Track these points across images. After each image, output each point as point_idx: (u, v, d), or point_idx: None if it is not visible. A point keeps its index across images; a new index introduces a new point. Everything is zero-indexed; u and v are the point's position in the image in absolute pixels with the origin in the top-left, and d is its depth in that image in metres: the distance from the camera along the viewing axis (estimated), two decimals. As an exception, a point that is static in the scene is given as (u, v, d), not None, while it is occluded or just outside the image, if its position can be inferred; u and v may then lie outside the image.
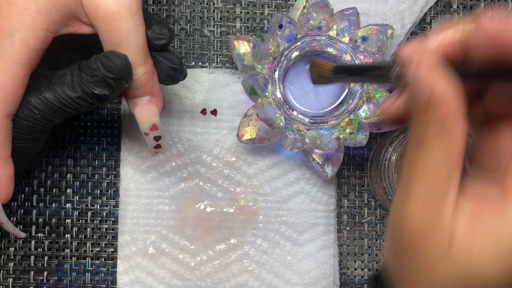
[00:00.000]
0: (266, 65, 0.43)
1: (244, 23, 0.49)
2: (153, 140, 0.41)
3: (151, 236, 0.46)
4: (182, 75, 0.40)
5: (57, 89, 0.36)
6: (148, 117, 0.39)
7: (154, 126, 0.40)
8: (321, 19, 0.43)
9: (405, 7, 0.48)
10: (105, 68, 0.35)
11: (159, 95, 0.39)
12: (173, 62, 0.39)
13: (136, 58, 0.37)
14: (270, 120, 0.42)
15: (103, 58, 0.36)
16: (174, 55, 0.40)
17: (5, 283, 0.46)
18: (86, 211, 0.47)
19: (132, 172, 0.47)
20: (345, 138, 0.43)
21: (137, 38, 0.36)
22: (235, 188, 0.47)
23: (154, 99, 0.39)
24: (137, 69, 0.37)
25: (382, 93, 0.43)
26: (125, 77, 0.36)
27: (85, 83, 0.36)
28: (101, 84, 0.36)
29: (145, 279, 0.46)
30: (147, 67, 0.37)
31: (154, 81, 0.39)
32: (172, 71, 0.39)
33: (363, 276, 0.47)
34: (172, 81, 0.40)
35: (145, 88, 0.38)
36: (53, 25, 0.35)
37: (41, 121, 0.36)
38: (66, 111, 0.37)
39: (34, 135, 0.37)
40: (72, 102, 0.36)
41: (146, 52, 0.37)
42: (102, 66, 0.36)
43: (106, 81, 0.36)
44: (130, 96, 0.39)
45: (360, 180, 0.48)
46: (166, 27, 0.38)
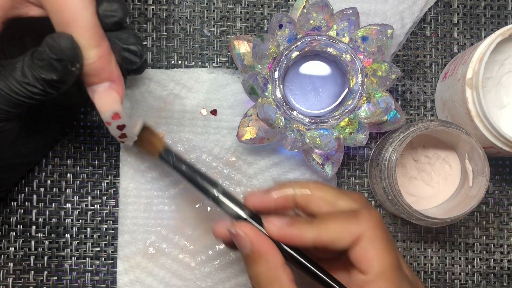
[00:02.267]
0: (266, 65, 0.43)
1: (244, 23, 0.49)
2: (117, 129, 0.38)
3: (151, 236, 0.46)
4: (137, 56, 0.37)
5: (7, 75, 0.34)
6: (109, 105, 0.36)
7: (116, 114, 0.37)
8: (321, 19, 0.43)
9: (405, 7, 0.48)
10: (50, 49, 0.33)
11: (120, 81, 0.36)
12: (126, 42, 0.36)
13: (87, 39, 0.34)
14: (270, 120, 0.42)
15: (48, 39, 0.33)
16: (129, 34, 0.36)
17: (5, 283, 0.46)
18: (86, 211, 0.47)
19: (132, 172, 0.47)
20: (345, 138, 0.43)
21: (87, 18, 0.33)
22: (235, 188, 0.47)
23: (115, 86, 0.36)
24: (90, 52, 0.34)
25: (382, 93, 0.43)
26: (70, 59, 0.33)
27: (35, 68, 0.34)
28: (48, 68, 0.33)
29: (145, 279, 0.46)
30: (102, 49, 0.34)
31: (112, 66, 0.36)
32: (126, 53, 0.36)
33: (363, 276, 0.47)
34: (128, 64, 0.37)
35: (102, 73, 0.35)
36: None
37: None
38: (19, 100, 0.34)
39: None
40: (23, 89, 0.34)
41: (99, 33, 0.34)
42: (48, 48, 0.33)
43: (52, 64, 0.33)
44: (87, 83, 0.36)
45: (360, 180, 0.48)
46: (117, 3, 0.35)
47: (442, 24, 0.50)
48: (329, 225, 0.33)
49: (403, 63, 0.49)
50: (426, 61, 0.49)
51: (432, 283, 0.47)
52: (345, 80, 0.45)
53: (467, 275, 0.48)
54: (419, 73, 0.49)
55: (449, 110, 0.45)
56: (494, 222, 0.48)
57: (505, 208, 0.48)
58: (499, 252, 0.48)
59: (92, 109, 0.48)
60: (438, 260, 0.48)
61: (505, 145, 0.41)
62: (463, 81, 0.42)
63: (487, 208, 0.48)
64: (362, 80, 0.43)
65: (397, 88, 0.49)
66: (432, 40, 0.49)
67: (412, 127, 0.42)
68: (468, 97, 0.41)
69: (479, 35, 0.49)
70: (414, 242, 0.48)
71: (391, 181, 0.41)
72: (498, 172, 0.49)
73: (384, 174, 0.42)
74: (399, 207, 0.42)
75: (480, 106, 0.41)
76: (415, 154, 0.47)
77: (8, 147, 0.39)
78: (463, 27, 0.50)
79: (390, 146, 0.43)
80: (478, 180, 0.42)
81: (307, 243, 0.33)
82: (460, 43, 0.49)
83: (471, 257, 0.48)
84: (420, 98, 0.49)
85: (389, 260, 0.33)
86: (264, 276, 0.33)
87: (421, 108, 0.49)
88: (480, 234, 0.48)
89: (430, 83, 0.49)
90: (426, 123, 0.42)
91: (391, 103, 0.42)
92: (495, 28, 0.49)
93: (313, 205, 0.35)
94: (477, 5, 0.50)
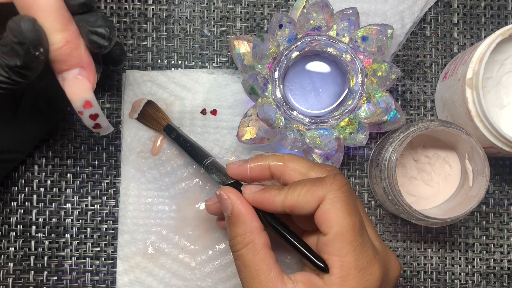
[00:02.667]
0: (266, 65, 0.43)
1: (244, 23, 0.49)
2: (90, 119, 0.36)
3: (151, 236, 0.46)
4: (105, 39, 0.35)
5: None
6: (79, 93, 0.34)
7: (87, 103, 0.35)
8: (321, 19, 0.43)
9: (405, 7, 0.48)
10: (11, 33, 0.31)
11: (90, 67, 0.35)
12: (94, 24, 0.34)
13: (51, 22, 0.32)
14: (270, 120, 0.42)
15: (10, 22, 0.32)
16: (97, 17, 0.35)
17: (5, 283, 0.46)
18: (86, 211, 0.47)
19: (132, 172, 0.47)
20: (345, 138, 0.43)
21: (49, 0, 0.32)
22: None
23: (85, 72, 0.34)
24: (56, 36, 0.33)
25: (382, 93, 0.43)
26: (32, 42, 0.31)
27: (0, 55, 0.32)
28: (11, 53, 0.32)
29: (145, 279, 0.46)
30: (69, 34, 0.33)
31: (81, 51, 0.34)
32: (94, 36, 0.34)
33: (363, 276, 0.47)
34: (98, 49, 0.35)
35: (70, 59, 0.34)
36: None
37: None
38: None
39: None
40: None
41: (66, 16, 0.33)
42: (10, 32, 0.31)
43: (14, 49, 0.32)
44: (56, 70, 0.34)
45: (360, 180, 0.48)
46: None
47: (442, 24, 0.50)
48: (296, 190, 0.35)
49: (403, 63, 0.49)
50: (426, 61, 0.49)
51: (432, 283, 0.47)
52: (345, 80, 0.45)
53: (467, 275, 0.48)
54: (419, 73, 0.49)
55: (449, 110, 0.45)
56: (494, 222, 0.48)
57: (505, 208, 0.48)
58: (499, 252, 0.48)
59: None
60: (438, 260, 0.48)
61: (505, 145, 0.41)
62: (463, 81, 0.42)
63: (487, 208, 0.48)
64: (362, 80, 0.43)
65: (397, 88, 0.49)
66: (432, 40, 0.49)
67: (412, 127, 0.42)
68: (468, 97, 0.41)
69: (479, 35, 0.49)
70: (414, 242, 0.48)
71: (391, 181, 0.41)
72: (498, 172, 0.49)
73: (384, 174, 0.42)
74: (399, 207, 0.42)
75: (480, 106, 0.41)
76: (415, 154, 0.47)
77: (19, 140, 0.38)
78: (463, 27, 0.50)
79: (390, 146, 0.43)
80: (478, 180, 0.42)
81: (277, 207, 0.36)
82: (460, 43, 0.49)
83: (471, 257, 0.48)
84: (420, 98, 0.49)
85: (349, 222, 0.33)
86: (240, 238, 0.35)
87: (421, 108, 0.49)
88: (480, 234, 0.48)
89: (430, 83, 0.49)
90: (426, 123, 0.42)
91: (391, 103, 0.42)
92: (495, 28, 0.49)
93: (286, 176, 0.37)
94: (477, 5, 0.50)
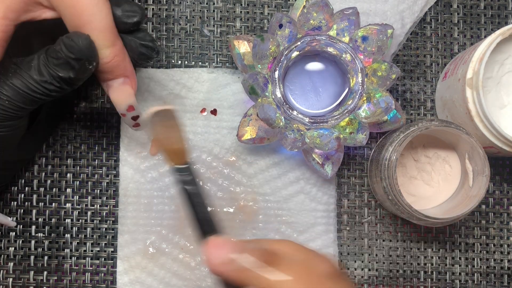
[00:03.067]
0: (266, 65, 0.43)
1: (244, 22, 0.49)
2: (131, 120, 0.41)
3: (151, 236, 0.46)
4: (154, 52, 0.39)
5: (24, 74, 0.35)
6: (124, 99, 0.39)
7: (130, 107, 0.39)
8: (321, 18, 0.43)
9: (405, 7, 0.48)
10: (67, 49, 0.35)
11: (133, 75, 0.39)
12: (143, 39, 0.39)
13: (103, 40, 0.36)
14: (270, 120, 0.42)
15: (65, 38, 0.35)
16: (145, 33, 0.39)
17: (5, 283, 0.46)
18: (86, 211, 0.47)
19: (131, 172, 0.47)
20: (345, 138, 0.43)
21: (101, 19, 0.35)
22: (235, 188, 0.47)
23: (128, 80, 0.38)
24: (106, 51, 0.36)
25: (382, 93, 0.43)
26: (88, 57, 0.35)
27: (51, 66, 0.35)
28: (65, 66, 0.35)
29: (145, 279, 0.46)
30: (116, 48, 0.37)
31: (126, 63, 0.38)
32: (144, 49, 0.39)
33: (363, 276, 0.47)
34: (145, 59, 0.39)
35: (117, 70, 0.37)
36: (10, 13, 0.34)
37: (11, 108, 0.36)
38: (35, 97, 0.36)
39: (9, 122, 0.36)
40: (39, 87, 0.35)
41: (113, 33, 0.36)
42: (64, 47, 0.35)
43: (69, 63, 0.35)
44: (103, 79, 0.38)
45: (360, 180, 0.48)
46: (136, 5, 0.38)
47: (442, 24, 0.49)
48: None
49: (403, 63, 0.49)
50: (426, 61, 0.49)
51: (432, 283, 0.47)
52: (345, 80, 0.45)
53: (467, 275, 0.48)
54: (419, 73, 0.49)
55: (449, 110, 0.45)
56: (494, 222, 0.48)
57: (505, 208, 0.48)
58: (499, 252, 0.48)
59: (84, 102, 0.48)
60: (438, 260, 0.48)
61: (505, 145, 0.41)
62: (463, 81, 0.42)
63: (487, 208, 0.48)
64: (362, 80, 0.43)
65: (397, 88, 0.49)
66: (432, 40, 0.49)
67: (412, 127, 0.42)
68: (468, 97, 0.41)
69: (479, 35, 0.49)
70: (414, 242, 0.48)
71: (391, 181, 0.41)
72: (498, 172, 0.49)
73: (384, 174, 0.42)
74: (399, 207, 0.42)
75: (480, 106, 0.41)
76: (415, 154, 0.47)
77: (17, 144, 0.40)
78: (463, 27, 0.50)
79: (390, 146, 0.43)
80: (478, 180, 0.42)
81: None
82: (460, 43, 0.49)
83: (471, 257, 0.48)
84: (420, 98, 0.49)
85: None
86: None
87: (421, 108, 0.49)
88: (480, 234, 0.48)
89: (430, 83, 0.49)
90: (426, 123, 0.42)
91: (391, 103, 0.42)
92: (495, 28, 0.49)
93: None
94: (477, 5, 0.50)
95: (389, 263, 0.48)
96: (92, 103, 0.48)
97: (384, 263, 0.47)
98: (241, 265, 0.31)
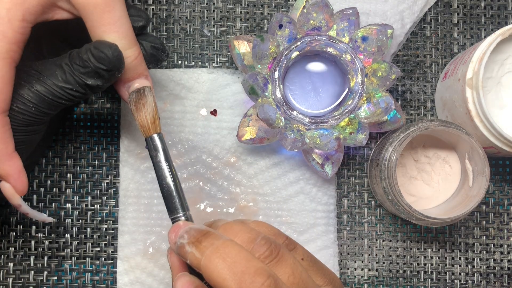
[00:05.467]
0: (266, 65, 0.43)
1: (244, 23, 0.49)
2: None
3: (151, 236, 0.46)
4: (164, 54, 0.40)
5: (48, 81, 0.35)
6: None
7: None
8: (321, 19, 0.43)
9: (405, 7, 0.48)
10: (97, 60, 0.35)
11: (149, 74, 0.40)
12: (154, 42, 0.39)
13: (127, 42, 0.36)
14: (270, 120, 0.42)
15: (94, 49, 0.35)
16: (154, 36, 0.40)
17: (5, 283, 0.46)
18: (86, 211, 0.47)
19: (132, 173, 0.47)
20: (345, 138, 0.43)
21: (125, 22, 0.36)
22: (235, 189, 0.47)
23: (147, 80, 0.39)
24: (129, 52, 0.37)
25: (382, 93, 0.43)
26: (118, 68, 0.36)
27: (77, 74, 0.35)
28: (93, 75, 0.36)
29: (145, 279, 0.46)
30: (137, 48, 0.37)
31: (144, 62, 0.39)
32: (155, 51, 0.39)
33: (363, 276, 0.47)
34: (155, 61, 0.40)
35: (139, 69, 0.38)
36: (29, 15, 0.35)
37: (36, 113, 0.36)
38: (60, 103, 0.36)
39: (32, 127, 0.37)
40: (65, 94, 0.36)
41: (134, 33, 0.37)
42: (93, 58, 0.35)
43: (98, 73, 0.35)
44: (125, 80, 0.38)
45: (360, 180, 0.48)
46: (141, 10, 0.39)
47: (442, 24, 0.50)
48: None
49: (403, 63, 0.49)
50: (426, 61, 0.49)
51: (432, 283, 0.47)
52: (345, 80, 0.45)
53: (467, 275, 0.48)
54: (419, 73, 0.49)
55: (449, 110, 0.45)
56: (494, 222, 0.48)
57: (505, 208, 0.48)
58: (499, 252, 0.48)
59: (84, 102, 0.48)
60: (438, 260, 0.48)
61: (505, 145, 0.41)
62: (463, 81, 0.42)
63: (487, 208, 0.48)
64: (362, 80, 0.43)
65: (397, 88, 0.49)
66: (432, 40, 0.49)
67: (412, 127, 0.42)
68: (468, 97, 0.41)
69: (479, 35, 0.49)
70: (414, 242, 0.48)
71: (391, 181, 0.41)
72: (498, 172, 0.49)
73: (384, 174, 0.42)
74: (399, 207, 0.42)
75: (480, 106, 0.41)
76: (415, 154, 0.47)
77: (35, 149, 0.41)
78: (463, 27, 0.50)
79: (390, 146, 0.43)
80: (478, 180, 0.42)
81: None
82: (460, 43, 0.49)
83: (471, 257, 0.48)
84: (420, 98, 0.49)
85: None
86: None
87: (421, 108, 0.49)
88: (480, 234, 0.48)
89: (430, 83, 0.49)
90: (426, 123, 0.42)
91: (391, 103, 0.42)
92: (495, 28, 0.49)
93: None
94: (477, 5, 0.50)
95: (389, 263, 0.48)
96: (92, 103, 0.48)
97: (384, 263, 0.47)
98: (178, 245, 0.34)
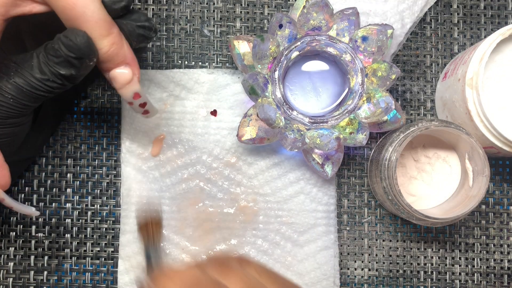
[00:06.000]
0: (266, 65, 0.43)
1: (244, 23, 0.49)
2: (139, 107, 0.40)
3: (151, 236, 0.46)
4: (152, 31, 0.39)
5: (25, 73, 0.35)
6: (128, 87, 0.38)
7: (136, 94, 0.39)
8: (321, 19, 0.43)
9: (405, 7, 0.48)
10: (66, 48, 0.35)
11: (135, 62, 0.38)
12: (139, 20, 0.38)
13: (98, 30, 0.35)
14: (270, 120, 0.42)
15: (63, 37, 0.35)
16: (139, 14, 0.39)
17: (5, 283, 0.46)
18: (86, 211, 0.47)
19: (134, 173, 0.47)
20: (345, 138, 0.43)
21: (94, 10, 0.35)
22: (235, 189, 0.47)
23: (130, 67, 0.38)
24: (103, 42, 0.36)
25: (382, 93, 0.43)
26: (88, 55, 0.35)
27: (52, 64, 0.35)
28: (66, 64, 0.35)
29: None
30: (113, 37, 0.36)
31: (125, 50, 0.37)
32: (142, 30, 0.39)
33: (363, 276, 0.47)
34: (144, 41, 0.39)
35: (117, 58, 0.37)
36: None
37: (15, 105, 0.36)
38: (39, 94, 0.36)
39: (12, 119, 0.37)
40: (42, 85, 0.36)
41: (108, 21, 0.36)
42: (64, 46, 0.35)
43: (70, 61, 0.35)
44: (104, 69, 0.38)
45: (360, 180, 0.48)
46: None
47: (442, 24, 0.50)
48: None
49: (403, 63, 0.49)
50: (426, 61, 0.49)
51: (432, 283, 0.47)
52: (345, 80, 0.45)
53: (467, 275, 0.48)
54: (419, 73, 0.49)
55: (449, 110, 0.45)
56: (494, 222, 0.48)
57: (505, 208, 0.48)
58: (499, 252, 0.48)
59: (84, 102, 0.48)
60: (438, 260, 0.48)
61: (505, 145, 0.41)
62: (463, 81, 0.42)
63: (487, 208, 0.48)
64: (362, 80, 0.43)
65: (397, 88, 0.49)
66: (432, 40, 0.49)
67: (412, 127, 0.42)
68: (468, 97, 0.41)
69: (479, 35, 0.49)
70: (414, 242, 0.48)
71: (391, 181, 0.41)
72: (498, 172, 0.49)
73: (384, 174, 0.42)
74: (399, 207, 0.42)
75: (480, 106, 0.41)
76: (415, 154, 0.47)
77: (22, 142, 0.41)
78: (463, 27, 0.50)
79: (390, 146, 0.43)
80: (478, 180, 0.42)
81: None
82: (460, 43, 0.49)
83: (471, 257, 0.48)
84: (420, 98, 0.49)
85: None
86: None
87: (421, 108, 0.49)
88: (480, 234, 0.48)
89: (430, 83, 0.49)
90: (426, 123, 0.42)
91: (391, 103, 0.42)
92: (495, 28, 0.49)
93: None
94: (477, 5, 0.50)
95: (389, 263, 0.48)
96: (92, 103, 0.48)
97: (384, 263, 0.48)
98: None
